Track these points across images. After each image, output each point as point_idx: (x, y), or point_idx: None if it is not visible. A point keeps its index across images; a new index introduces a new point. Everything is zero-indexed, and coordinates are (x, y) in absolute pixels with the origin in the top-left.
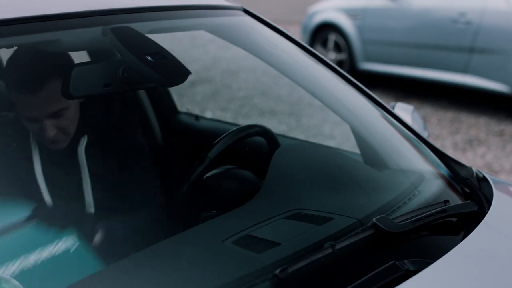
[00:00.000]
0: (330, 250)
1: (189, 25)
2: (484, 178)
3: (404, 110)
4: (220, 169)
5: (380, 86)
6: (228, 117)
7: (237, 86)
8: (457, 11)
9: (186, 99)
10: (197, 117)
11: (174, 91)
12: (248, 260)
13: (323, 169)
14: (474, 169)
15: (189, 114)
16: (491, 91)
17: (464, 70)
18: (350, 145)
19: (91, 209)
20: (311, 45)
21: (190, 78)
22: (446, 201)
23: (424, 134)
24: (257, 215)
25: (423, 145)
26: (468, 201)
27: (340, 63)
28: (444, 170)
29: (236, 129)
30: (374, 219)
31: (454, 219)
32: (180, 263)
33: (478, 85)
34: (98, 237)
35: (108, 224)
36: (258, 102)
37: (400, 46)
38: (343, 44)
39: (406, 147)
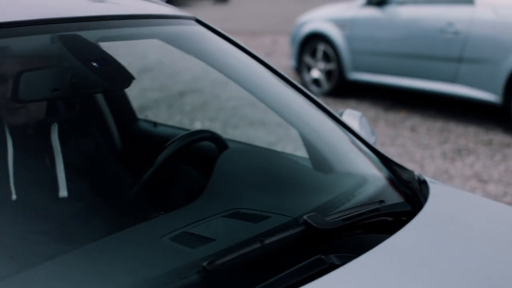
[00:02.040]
0: (258, 245)
1: (141, 34)
2: (424, 181)
3: (352, 116)
4: (168, 171)
5: (369, 96)
6: (217, 127)
7: (226, 97)
8: (445, 21)
9: (175, 109)
10: (155, 124)
11: (162, 101)
12: (182, 254)
13: (266, 172)
14: (416, 173)
15: (147, 121)
16: (479, 100)
17: (453, 80)
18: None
19: (64, 193)
20: (300, 55)
21: (179, 88)
22: (381, 201)
23: (372, 139)
24: (199, 214)
25: (368, 150)
26: (402, 201)
27: (329, 73)
28: (387, 173)
29: (185, 134)
30: (304, 216)
31: (389, 218)
32: (119, 258)
33: (467, 94)
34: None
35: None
36: (247, 113)
37: (389, 56)
38: (332, 54)
39: (352, 152)
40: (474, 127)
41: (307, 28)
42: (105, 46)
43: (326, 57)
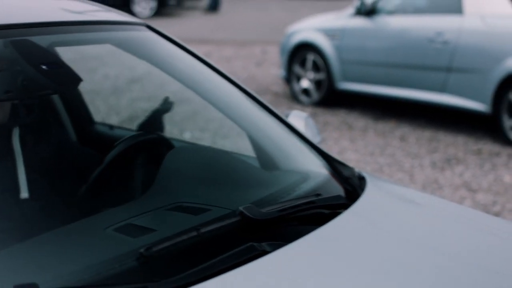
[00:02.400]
0: (195, 233)
1: (93, 39)
2: (363, 177)
3: (298, 117)
4: (118, 170)
5: (358, 105)
6: (207, 137)
7: None
8: (434, 30)
9: (164, 119)
10: (111, 127)
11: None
12: (123, 244)
13: (211, 169)
14: (356, 170)
15: (104, 124)
16: (468, 110)
17: (442, 89)
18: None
19: (25, 194)
20: (290, 65)
21: (169, 99)
22: (318, 195)
23: (317, 139)
24: (144, 207)
25: (312, 148)
26: (338, 194)
27: (318, 82)
28: (328, 170)
29: (133, 135)
30: (240, 208)
31: (326, 211)
32: (65, 249)
33: (456, 104)
34: None
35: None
36: None
37: (378, 65)
38: (322, 64)
39: (296, 151)
40: (464, 137)
41: (297, 38)
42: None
43: (316, 67)
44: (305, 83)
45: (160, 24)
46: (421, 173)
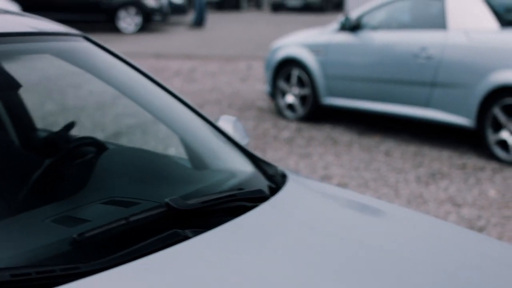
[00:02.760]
0: (123, 222)
1: (33, 49)
2: (285, 175)
3: (227, 121)
4: (55, 171)
5: (343, 120)
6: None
7: None
8: (419, 46)
9: (149, 135)
10: (52, 132)
11: (137, 127)
12: (60, 232)
13: (142, 168)
14: (279, 168)
15: (45, 130)
16: (453, 124)
17: (426, 104)
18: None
19: None
20: (275, 80)
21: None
22: (240, 189)
23: (245, 141)
24: (79, 203)
25: (239, 149)
26: (258, 189)
27: (303, 98)
28: (253, 168)
29: (71, 139)
30: (166, 199)
31: (247, 203)
32: (4, 238)
33: (440, 119)
34: None
35: None
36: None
37: (363, 80)
38: (306, 79)
39: (225, 152)
40: (448, 151)
41: (282, 54)
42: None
43: (301, 82)
44: (290, 99)
45: (145, 39)
46: (406, 188)
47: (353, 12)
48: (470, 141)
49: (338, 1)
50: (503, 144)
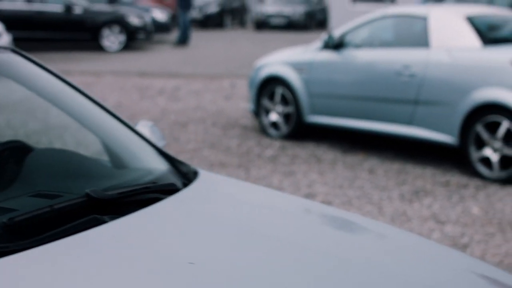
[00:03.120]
0: (48, 209)
1: None
2: (197, 172)
3: (145, 126)
4: None
5: (327, 138)
6: None
7: (186, 139)
8: (401, 64)
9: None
10: None
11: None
12: None
13: (66, 167)
14: (192, 166)
15: None
16: (436, 142)
17: (409, 122)
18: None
19: None
20: (258, 98)
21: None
22: (154, 182)
23: (161, 143)
24: (9, 195)
25: (156, 150)
26: (170, 182)
27: (287, 116)
28: (168, 167)
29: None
30: (87, 190)
31: (161, 195)
32: None
33: (423, 136)
34: None
35: None
36: (207, 155)
37: (346, 98)
38: (290, 97)
39: (143, 152)
40: (431, 169)
41: (265, 72)
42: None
43: (284, 100)
44: (273, 117)
45: (129, 57)
46: (389, 206)
47: (336, 31)
48: (453, 158)
49: (321, 19)
50: (486, 161)
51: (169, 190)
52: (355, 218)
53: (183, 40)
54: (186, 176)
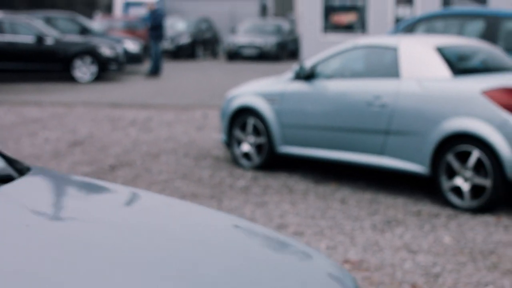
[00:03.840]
0: None
1: None
2: (29, 168)
3: None
4: None
5: (299, 168)
6: None
7: (158, 170)
8: (372, 94)
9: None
10: None
11: (93, 175)
12: None
13: None
14: (26, 163)
15: None
16: (407, 172)
17: (381, 152)
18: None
19: None
20: (230, 129)
21: (110, 162)
22: None
23: None
24: None
25: None
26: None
27: (259, 146)
28: (6, 164)
29: None
30: None
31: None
32: None
33: (395, 166)
34: None
35: None
36: (179, 186)
37: (318, 129)
38: (262, 128)
39: None
40: (403, 198)
41: (237, 102)
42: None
43: (256, 131)
44: (245, 147)
45: (101, 88)
46: (361, 236)
47: (308, 61)
48: (425, 188)
49: (293, 50)
50: (457, 190)
51: (5, 179)
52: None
53: (154, 71)
54: (19, 171)
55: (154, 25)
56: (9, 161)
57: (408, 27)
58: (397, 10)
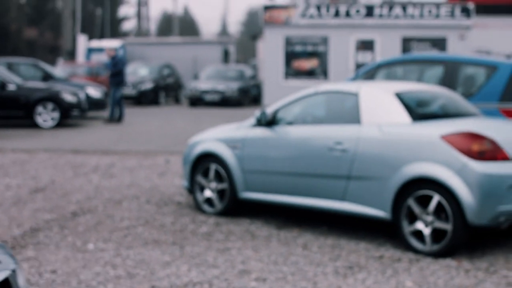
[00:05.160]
0: None
1: None
2: None
3: None
4: None
5: (262, 214)
6: (110, 248)
7: (120, 216)
8: (334, 139)
9: (67, 230)
10: None
11: (55, 222)
12: None
13: None
14: None
15: None
16: (369, 216)
17: (342, 197)
18: None
19: None
20: (192, 175)
21: (72, 208)
22: None
23: None
24: None
25: None
26: None
27: (221, 192)
28: None
29: None
30: None
31: None
32: None
33: (357, 211)
34: None
35: None
36: (141, 232)
37: (280, 174)
38: (224, 173)
39: None
40: (365, 243)
41: (199, 149)
42: None
43: (218, 177)
44: (208, 193)
45: (63, 134)
46: (324, 281)
47: (269, 107)
48: (387, 232)
49: (255, 95)
50: (418, 235)
51: None
52: None
53: (118, 118)
54: None
55: (114, 71)
56: None
57: (369, 72)
58: (358, 56)
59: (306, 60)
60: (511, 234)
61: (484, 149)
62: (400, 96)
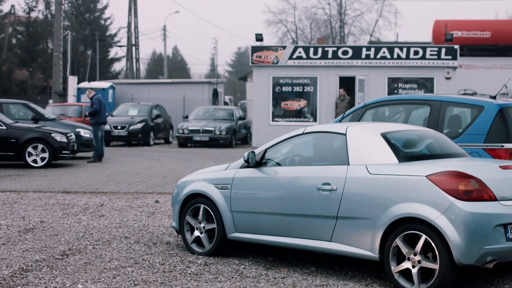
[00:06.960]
0: None
1: None
2: None
3: None
4: None
5: (251, 254)
6: None
7: (109, 256)
8: (322, 180)
9: (56, 271)
10: None
11: (44, 262)
12: None
13: None
14: None
15: None
16: (357, 256)
17: (331, 238)
18: None
19: None
20: (182, 215)
21: (61, 248)
22: None
23: None
24: None
25: None
26: None
27: (211, 231)
28: None
29: None
30: None
31: None
32: None
33: (345, 251)
34: None
35: None
36: (131, 272)
37: (268, 215)
38: (213, 214)
39: None
40: (354, 283)
41: (188, 189)
42: None
43: (208, 217)
44: (197, 233)
45: (53, 174)
46: None
47: (258, 148)
48: (374, 272)
49: (243, 136)
50: (406, 274)
51: None
52: None
53: (97, 157)
54: None
55: (91, 111)
56: None
57: (356, 113)
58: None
59: (294, 101)
60: (500, 271)
61: (471, 189)
62: (386, 137)
